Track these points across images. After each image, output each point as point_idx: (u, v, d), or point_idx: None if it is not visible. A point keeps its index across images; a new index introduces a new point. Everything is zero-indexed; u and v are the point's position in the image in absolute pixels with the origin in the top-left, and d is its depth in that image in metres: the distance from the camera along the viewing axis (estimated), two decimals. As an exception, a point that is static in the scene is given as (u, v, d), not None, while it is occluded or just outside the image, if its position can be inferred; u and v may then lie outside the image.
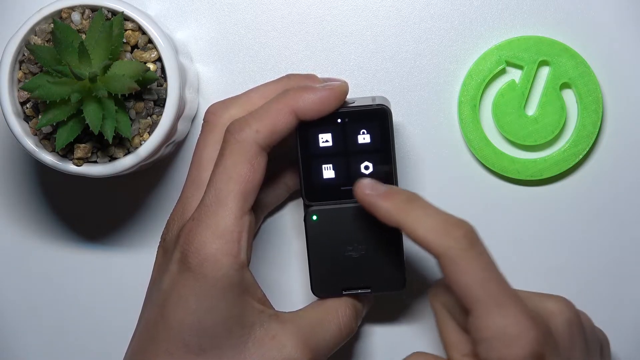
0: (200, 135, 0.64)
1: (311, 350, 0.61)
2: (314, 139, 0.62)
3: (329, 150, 0.63)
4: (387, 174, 0.63)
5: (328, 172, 0.63)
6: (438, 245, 0.57)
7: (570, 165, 0.69)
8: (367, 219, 0.62)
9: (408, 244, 0.68)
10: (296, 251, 0.70)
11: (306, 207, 0.63)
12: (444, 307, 0.59)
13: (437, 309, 0.60)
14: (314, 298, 0.64)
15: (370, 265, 0.63)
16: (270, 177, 0.67)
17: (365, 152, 0.62)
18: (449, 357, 0.59)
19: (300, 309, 0.63)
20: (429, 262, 0.69)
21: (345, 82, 0.63)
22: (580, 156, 0.69)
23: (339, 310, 0.63)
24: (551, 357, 0.55)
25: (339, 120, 0.62)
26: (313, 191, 0.63)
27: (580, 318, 0.59)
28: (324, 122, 0.62)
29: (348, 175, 0.63)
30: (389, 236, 0.63)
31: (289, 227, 0.70)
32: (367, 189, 0.60)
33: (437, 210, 0.58)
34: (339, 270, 0.63)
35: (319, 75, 0.65)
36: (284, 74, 0.68)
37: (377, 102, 0.63)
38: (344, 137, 0.62)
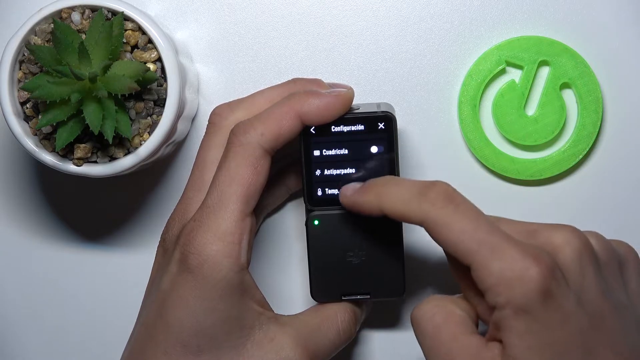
0: (204, 136, 0.64)
1: (309, 354, 0.61)
2: (318, 144, 0.62)
3: (333, 155, 0.63)
4: None
5: (331, 177, 0.63)
6: (417, 213, 0.55)
7: (570, 165, 0.69)
8: (368, 225, 0.62)
9: (408, 251, 0.69)
10: (296, 253, 0.70)
11: (308, 211, 0.63)
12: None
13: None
14: (314, 302, 0.64)
15: (370, 271, 0.63)
16: (271, 178, 0.67)
17: (369, 158, 0.62)
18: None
19: (299, 313, 0.63)
20: (430, 270, 0.69)
21: (351, 89, 0.62)
22: (580, 156, 0.69)
23: (338, 315, 0.63)
24: (559, 291, 0.53)
25: (344, 126, 0.62)
26: (316, 196, 0.63)
27: (590, 246, 0.55)
28: (328, 128, 0.62)
29: (352, 181, 0.62)
30: (389, 243, 0.63)
31: (289, 227, 0.70)
32: (348, 192, 0.60)
33: (410, 181, 0.57)
34: (339, 275, 0.63)
35: (322, 79, 0.65)
36: (285, 75, 0.68)
37: (382, 108, 0.63)
38: (348, 143, 0.62)
